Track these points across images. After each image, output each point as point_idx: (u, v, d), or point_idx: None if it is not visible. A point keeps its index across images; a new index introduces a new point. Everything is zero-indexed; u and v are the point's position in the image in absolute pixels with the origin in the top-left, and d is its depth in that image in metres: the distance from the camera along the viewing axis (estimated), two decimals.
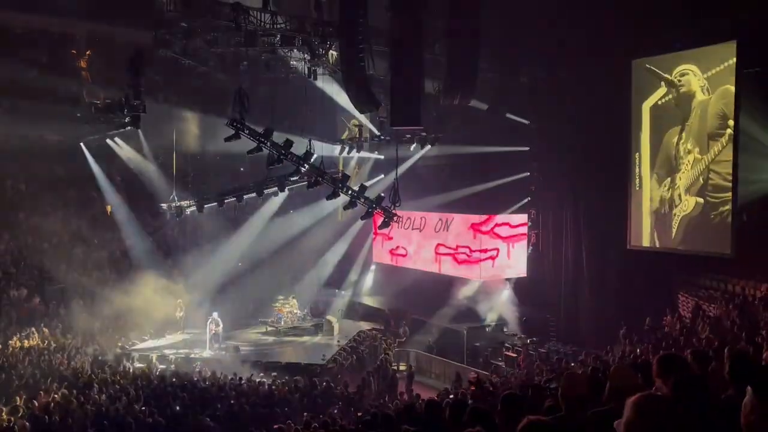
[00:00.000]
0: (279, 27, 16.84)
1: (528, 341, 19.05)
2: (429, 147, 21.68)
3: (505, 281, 21.85)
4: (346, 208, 19.93)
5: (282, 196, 22.47)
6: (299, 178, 19.81)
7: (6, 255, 21.20)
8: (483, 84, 17.88)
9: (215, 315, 20.55)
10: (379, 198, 19.19)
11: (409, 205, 21.95)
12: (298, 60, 18.32)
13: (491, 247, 21.12)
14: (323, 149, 20.62)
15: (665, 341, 14.28)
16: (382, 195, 19.58)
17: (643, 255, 17.94)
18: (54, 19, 18.96)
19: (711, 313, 15.29)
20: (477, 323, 21.15)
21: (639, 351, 13.79)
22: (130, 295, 20.42)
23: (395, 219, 19.40)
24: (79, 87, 19.97)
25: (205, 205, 21.43)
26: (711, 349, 8.24)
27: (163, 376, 15.27)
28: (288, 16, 17.07)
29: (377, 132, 22.27)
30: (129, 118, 16.92)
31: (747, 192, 15.31)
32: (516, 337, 19.55)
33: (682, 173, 16.74)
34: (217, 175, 25.62)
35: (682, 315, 16.75)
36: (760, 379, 3.01)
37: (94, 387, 13.48)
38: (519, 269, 21.51)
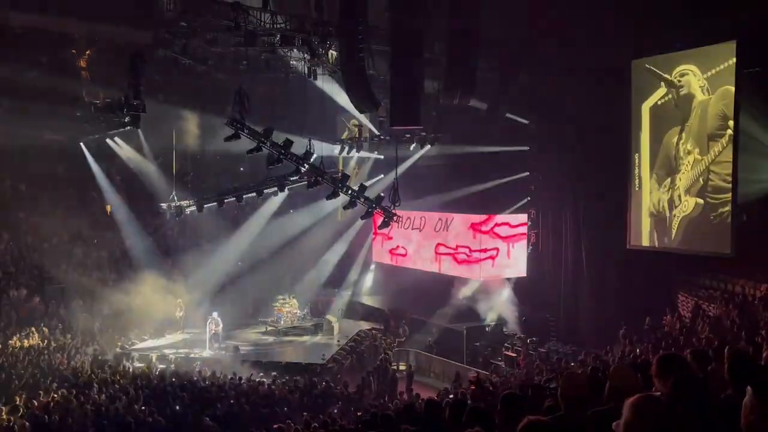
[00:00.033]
0: (279, 27, 16.83)
1: (528, 341, 19.03)
2: (429, 147, 21.66)
3: (505, 281, 21.83)
4: (345, 207, 19.93)
5: (282, 195, 22.46)
6: (299, 177, 19.81)
7: (6, 255, 21.21)
8: (483, 84, 17.87)
9: (215, 315, 20.56)
10: (379, 198, 19.19)
11: (409, 205, 21.93)
12: (297, 60, 18.31)
13: (491, 247, 21.11)
14: (323, 149, 20.57)
15: (665, 341, 14.28)
16: (381, 195, 19.59)
17: (643, 255, 17.92)
18: (54, 19, 18.93)
19: (711, 313, 15.29)
20: (477, 323, 21.13)
21: (639, 351, 13.79)
22: (129, 295, 20.44)
23: (395, 219, 19.40)
24: (79, 87, 19.95)
25: (205, 205, 21.43)
26: (711, 349, 8.22)
27: (163, 375, 15.28)
28: (288, 15, 17.05)
29: (377, 132, 22.25)
30: (129, 117, 16.90)
31: (747, 192, 15.29)
32: (516, 337, 19.53)
33: (682, 174, 16.72)
34: (217, 175, 25.63)
35: (681, 315, 16.75)
36: (759, 379, 3.02)
37: (93, 387, 13.50)
38: (519, 269, 21.50)
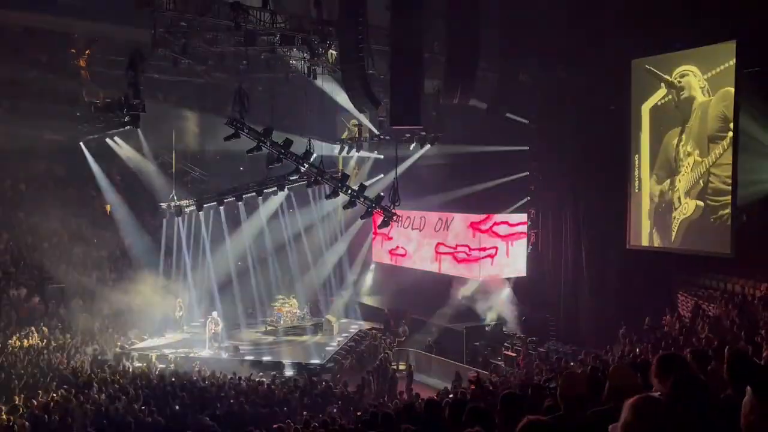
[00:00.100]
0: (278, 26, 16.83)
1: (527, 341, 19.02)
2: (428, 146, 21.65)
3: (505, 281, 21.83)
4: (345, 207, 19.93)
5: (282, 195, 22.47)
6: (299, 177, 19.82)
7: (6, 254, 21.22)
8: (483, 84, 17.87)
9: (215, 314, 20.55)
10: (379, 197, 19.18)
11: (409, 205, 21.91)
12: (297, 59, 18.31)
13: (490, 246, 21.11)
14: (323, 148, 20.60)
15: (665, 341, 14.28)
16: (381, 194, 19.58)
17: (643, 255, 17.92)
18: (53, 18, 18.94)
19: (710, 313, 15.29)
20: (476, 323, 21.12)
21: (638, 350, 13.79)
22: (129, 295, 20.45)
23: (395, 218, 19.39)
24: (79, 86, 20.00)
25: (205, 205, 21.43)
26: (710, 349, 8.23)
27: (163, 375, 15.27)
28: (287, 15, 17.06)
29: (377, 131, 22.24)
30: (128, 117, 16.88)
31: (747, 192, 15.27)
32: (515, 337, 19.51)
33: (681, 175, 16.70)
34: (217, 175, 25.63)
35: (681, 314, 16.75)
36: (759, 379, 3.01)
37: (93, 386, 13.50)
38: (518, 268, 21.49)
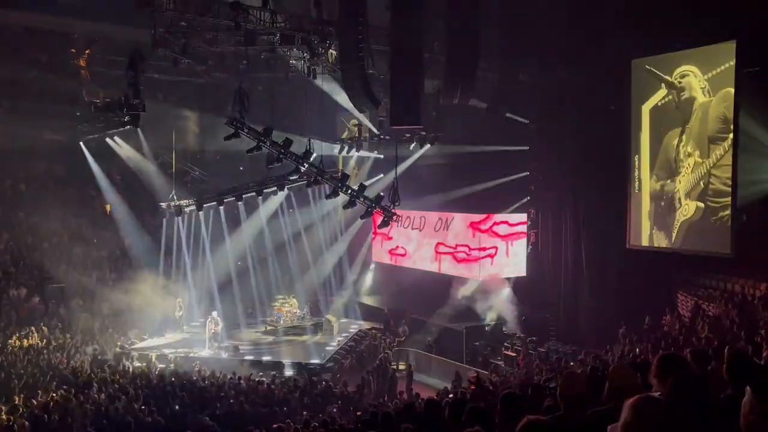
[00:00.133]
0: (278, 26, 16.83)
1: (527, 341, 19.01)
2: (428, 146, 21.65)
3: (505, 281, 21.83)
4: (345, 207, 19.93)
5: (281, 195, 22.47)
6: (299, 177, 19.82)
7: (6, 254, 21.22)
8: (483, 83, 17.87)
9: (214, 314, 20.55)
10: (379, 197, 19.18)
11: (409, 205, 21.91)
12: (297, 59, 18.31)
13: (490, 246, 21.11)
14: (323, 148, 20.58)
15: (665, 341, 14.29)
16: (381, 194, 19.58)
17: (643, 255, 17.91)
18: (53, 18, 18.94)
19: (710, 313, 15.29)
20: (476, 322, 21.12)
21: (638, 350, 13.80)
22: (129, 294, 20.45)
23: (395, 218, 19.39)
24: (79, 86, 19.99)
25: (205, 205, 21.42)
26: (710, 349, 8.22)
27: (163, 375, 15.27)
28: (287, 14, 17.07)
29: (377, 131, 22.24)
30: (128, 117, 16.88)
31: (747, 192, 15.27)
32: (515, 337, 19.51)
33: (682, 176, 16.69)
34: (217, 175, 25.63)
35: (681, 314, 16.75)
36: (758, 379, 3.01)
37: (93, 386, 13.50)
38: (518, 268, 21.49)
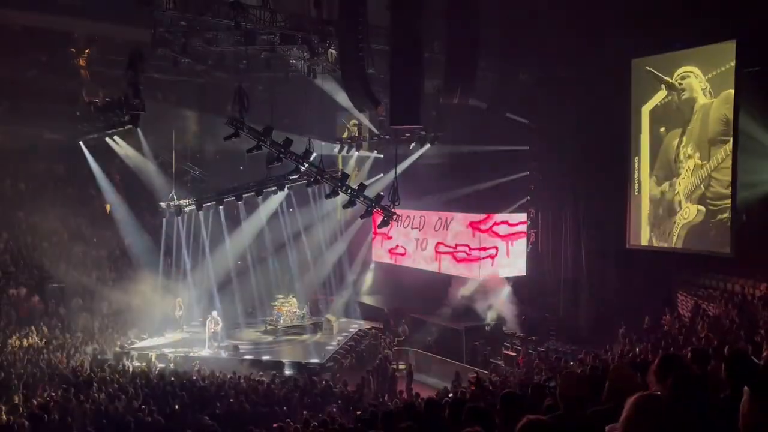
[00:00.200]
0: (278, 25, 16.84)
1: (527, 340, 19.04)
2: (428, 146, 21.66)
3: (505, 280, 21.83)
4: (345, 207, 19.91)
5: (281, 195, 22.45)
6: (299, 177, 19.81)
7: (5, 254, 21.21)
8: (483, 83, 17.87)
9: (214, 314, 20.53)
10: (379, 197, 19.17)
11: (409, 204, 21.89)
12: (297, 58, 18.33)
13: (490, 246, 21.10)
14: (323, 148, 20.60)
15: (665, 340, 14.29)
16: (381, 194, 19.56)
17: (643, 255, 17.93)
18: (53, 18, 18.96)
19: (710, 313, 15.30)
20: (476, 322, 21.12)
21: (638, 350, 13.80)
22: (129, 294, 20.44)
23: (394, 218, 19.38)
24: (79, 86, 19.99)
25: (205, 204, 21.41)
26: (710, 348, 8.23)
27: (163, 374, 15.25)
28: (287, 14, 17.07)
29: (377, 131, 22.24)
30: (128, 116, 16.89)
31: (747, 192, 15.29)
32: (515, 336, 19.52)
33: (681, 178, 16.69)
34: (217, 174, 25.62)
35: (681, 314, 16.76)
36: (757, 379, 3.01)
37: (93, 386, 13.49)
38: (518, 268, 21.49)
